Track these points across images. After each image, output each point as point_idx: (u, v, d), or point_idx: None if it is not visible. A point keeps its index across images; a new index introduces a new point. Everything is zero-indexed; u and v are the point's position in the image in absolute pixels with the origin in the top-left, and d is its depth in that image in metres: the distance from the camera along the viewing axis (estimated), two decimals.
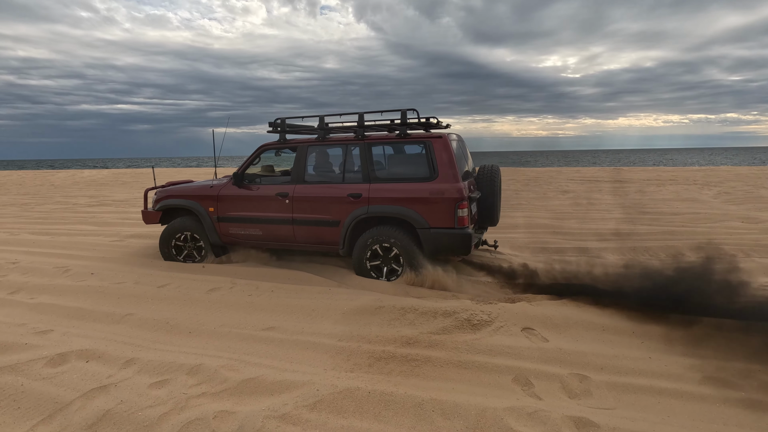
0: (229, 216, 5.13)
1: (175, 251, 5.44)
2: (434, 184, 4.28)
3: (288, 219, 4.84)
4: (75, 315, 3.73)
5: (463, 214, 4.20)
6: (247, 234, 5.12)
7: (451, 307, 3.54)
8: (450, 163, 4.28)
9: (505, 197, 11.75)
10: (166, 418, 2.24)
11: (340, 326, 3.38)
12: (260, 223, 5.00)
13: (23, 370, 2.72)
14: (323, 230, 4.72)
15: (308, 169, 4.92)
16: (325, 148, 4.98)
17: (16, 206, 11.69)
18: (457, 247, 4.25)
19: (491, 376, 2.67)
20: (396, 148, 4.87)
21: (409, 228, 4.41)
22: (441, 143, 4.35)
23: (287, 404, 2.32)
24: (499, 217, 5.15)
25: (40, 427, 2.21)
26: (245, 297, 3.98)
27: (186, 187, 5.46)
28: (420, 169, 4.40)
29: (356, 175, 4.65)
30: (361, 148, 4.63)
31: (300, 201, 4.77)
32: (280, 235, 4.96)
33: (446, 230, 4.23)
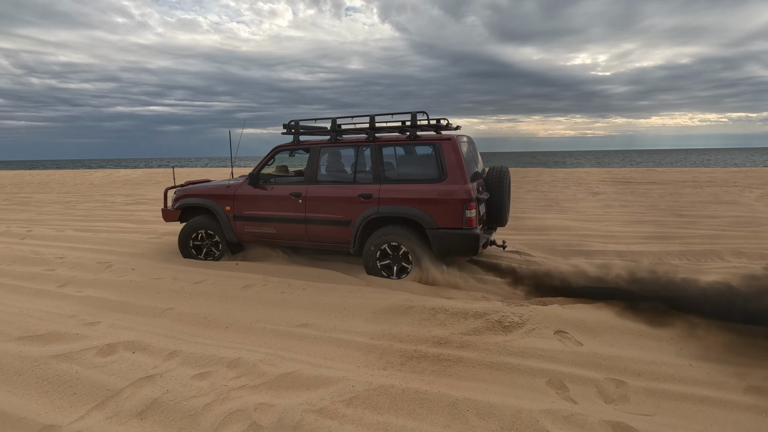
0: (244, 215, 5.29)
1: (193, 249, 5.63)
2: (443, 185, 4.36)
3: (301, 218, 4.98)
4: (119, 308, 3.92)
5: (471, 215, 4.26)
6: (262, 232, 5.27)
7: (481, 308, 3.54)
8: (459, 164, 4.36)
9: (533, 199, 11.57)
10: (210, 408, 2.34)
11: (371, 325, 3.43)
12: (274, 221, 5.14)
13: (76, 358, 2.89)
14: (335, 229, 4.84)
15: (320, 170, 5.04)
16: (336, 149, 5.08)
17: (60, 204, 12.31)
18: (465, 247, 4.32)
19: (524, 378, 2.66)
20: (406, 150, 4.95)
21: (418, 228, 4.50)
22: (450, 145, 4.43)
23: (324, 399, 2.38)
24: (507, 218, 5.19)
25: (95, 412, 2.35)
26: (278, 294, 4.09)
27: (204, 187, 5.65)
28: (429, 171, 4.49)
29: (367, 175, 4.76)
30: (372, 150, 4.75)
31: (312, 201, 4.90)
32: (293, 234, 5.10)
33: (454, 231, 4.30)
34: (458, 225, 4.29)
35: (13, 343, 3.13)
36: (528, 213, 9.03)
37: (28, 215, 10.08)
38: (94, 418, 2.30)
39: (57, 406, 2.42)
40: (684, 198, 11.08)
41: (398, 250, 4.55)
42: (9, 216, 9.99)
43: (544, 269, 4.71)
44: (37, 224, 8.66)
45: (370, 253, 4.63)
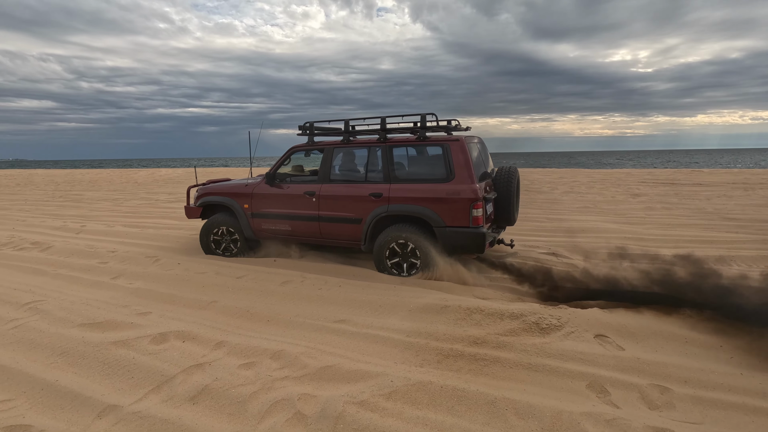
0: (261, 212, 5.51)
1: (213, 244, 5.86)
2: (451, 185, 4.49)
3: (314, 216, 5.18)
4: (168, 300, 4.14)
5: (477, 214, 4.39)
6: (278, 229, 5.48)
7: (518, 309, 3.51)
8: (466, 165, 4.47)
9: (570, 200, 11.29)
10: (256, 396, 2.46)
11: (407, 322, 3.48)
12: (289, 219, 5.35)
13: (132, 345, 3.09)
14: (346, 227, 5.02)
15: (333, 170, 5.21)
16: (349, 149, 5.23)
17: (109, 201, 13.05)
18: (472, 245, 4.46)
19: (564, 381, 2.64)
20: (415, 150, 5.07)
21: (426, 226, 4.63)
22: (458, 146, 4.54)
23: (364, 392, 2.45)
24: (516, 216, 5.27)
25: (151, 395, 2.52)
26: (315, 290, 4.21)
27: (224, 185, 5.89)
28: (437, 171, 4.62)
29: (378, 175, 4.92)
30: (383, 150, 4.91)
31: (325, 199, 5.10)
32: (307, 231, 5.31)
33: (461, 229, 4.43)
34: (465, 223, 4.41)
35: (76, 329, 3.39)
36: (565, 215, 8.83)
37: (81, 211, 10.75)
38: (151, 401, 2.47)
39: (117, 388, 2.61)
40: (733, 201, 10.50)
41: (407, 248, 4.67)
42: (64, 212, 10.69)
43: (581, 272, 4.61)
44: (89, 220, 9.23)
45: (379, 250, 4.78)
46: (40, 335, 3.30)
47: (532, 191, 13.71)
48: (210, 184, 6.12)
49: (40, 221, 9.06)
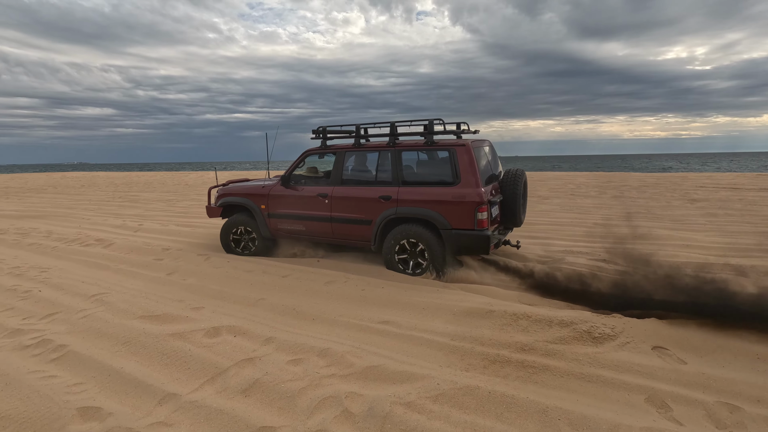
0: (277, 213, 5.74)
1: (233, 243, 6.11)
2: (457, 188, 4.63)
3: (327, 217, 5.37)
4: (219, 296, 4.33)
5: (482, 217, 4.51)
6: (292, 229, 5.70)
7: (567, 317, 3.39)
8: (472, 169, 4.60)
9: (620, 205, 10.76)
10: (305, 392, 2.52)
11: (451, 326, 3.45)
12: (303, 219, 5.56)
13: (188, 338, 3.25)
14: (357, 228, 5.20)
15: (345, 173, 5.39)
16: (360, 153, 5.40)
17: (162, 202, 13.81)
18: (477, 247, 4.58)
19: (620, 393, 2.51)
20: (423, 154, 5.18)
21: (433, 228, 4.77)
22: (464, 150, 4.66)
23: (411, 393, 2.45)
24: (522, 219, 5.33)
25: (206, 386, 2.64)
26: (359, 291, 4.25)
27: (242, 187, 6.14)
28: (444, 174, 4.76)
29: (387, 178, 5.07)
30: (392, 154, 5.07)
31: (337, 201, 5.29)
32: (320, 231, 5.51)
33: (467, 231, 4.57)
34: (470, 226, 4.54)
35: (137, 321, 3.61)
36: (615, 220, 8.42)
37: (138, 211, 11.45)
38: (206, 392, 2.59)
39: (175, 378, 2.76)
40: None
41: (415, 248, 4.85)
42: (123, 212, 11.43)
43: (634, 280, 4.38)
44: (146, 219, 9.82)
45: (388, 250, 4.96)
46: (106, 325, 3.54)
47: (579, 195, 13.19)
48: (230, 185, 6.37)
49: (103, 220, 9.74)
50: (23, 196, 16.42)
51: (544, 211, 10.12)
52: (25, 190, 19.82)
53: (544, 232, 7.43)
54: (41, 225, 9.00)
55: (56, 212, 11.32)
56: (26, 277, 5.03)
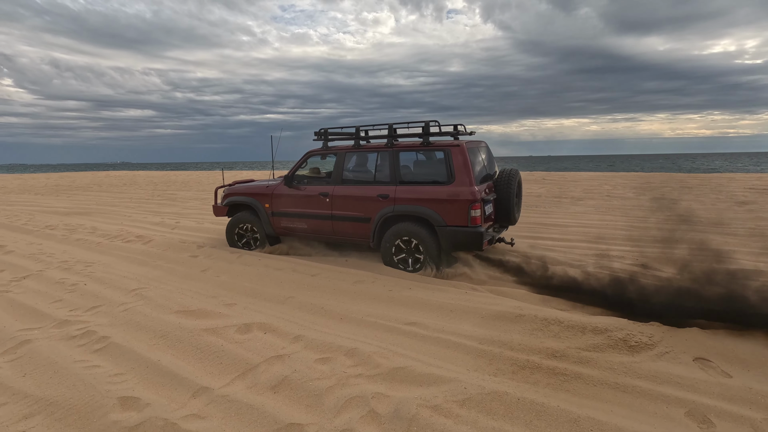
0: (280, 211, 5.99)
1: (237, 239, 6.40)
2: (451, 187, 4.81)
3: (328, 215, 5.60)
4: (250, 293, 4.44)
5: (475, 215, 4.69)
6: (295, 227, 5.94)
7: (601, 323, 3.27)
8: (466, 168, 4.77)
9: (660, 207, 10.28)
10: (332, 391, 2.54)
11: (480, 329, 3.40)
12: (305, 218, 5.80)
13: (221, 333, 3.35)
14: (357, 225, 5.40)
15: (345, 173, 5.59)
16: (359, 154, 5.58)
17: (198, 200, 14.31)
18: (470, 243, 4.75)
19: (657, 406, 2.40)
20: (420, 155, 5.34)
21: (428, 225, 4.95)
22: (458, 151, 4.84)
23: (437, 397, 2.43)
24: (517, 217, 5.53)
25: (238, 381, 2.71)
26: (386, 291, 4.26)
27: (247, 186, 6.39)
28: (439, 174, 4.94)
29: (385, 177, 5.26)
30: (390, 155, 5.26)
31: (338, 200, 5.51)
32: (322, 229, 5.72)
33: (460, 228, 4.75)
34: (464, 223, 4.72)
35: (173, 315, 3.75)
36: (653, 223, 8.06)
37: (175, 209, 11.91)
38: (237, 386, 2.66)
39: (208, 372, 2.85)
40: None
41: (411, 244, 5.04)
42: (162, 209, 11.91)
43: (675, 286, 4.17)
44: (182, 217, 10.20)
45: (386, 247, 5.16)
46: (145, 318, 3.70)
47: (615, 197, 12.71)
48: (235, 185, 6.63)
49: (143, 217, 10.19)
50: (71, 194, 17.40)
51: (577, 212, 9.82)
52: (73, 188, 21.00)
53: (577, 235, 7.20)
54: (87, 221, 9.51)
55: (100, 209, 11.93)
56: (73, 271, 5.33)
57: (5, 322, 3.76)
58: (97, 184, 24.01)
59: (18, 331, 3.54)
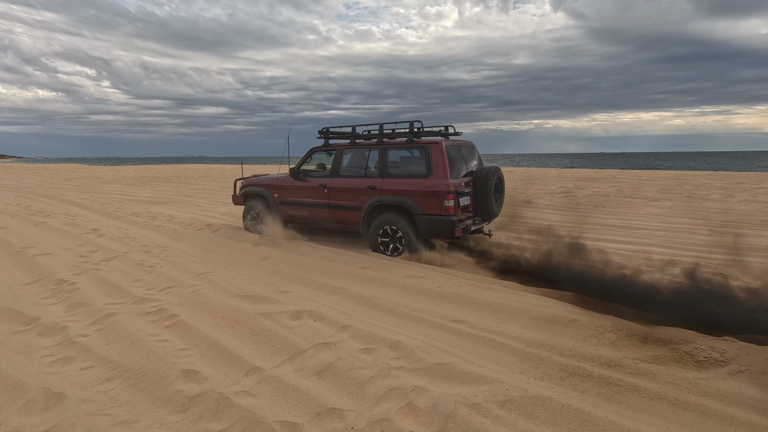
0: (287, 200, 6.82)
1: (251, 223, 7.29)
2: (429, 180, 5.40)
3: (326, 204, 6.32)
4: (304, 282, 4.65)
5: (449, 204, 5.21)
6: (299, 215, 6.74)
7: (666, 334, 3.03)
8: (443, 164, 5.32)
9: (751, 211, 9.21)
10: (373, 380, 2.61)
11: (528, 331, 3.29)
12: (307, 206, 6.58)
13: (274, 318, 3.56)
14: (349, 213, 6.08)
15: (341, 167, 6.30)
16: (354, 150, 6.28)
17: None
18: (443, 230, 5.28)
19: (723, 428, 2.20)
20: (404, 151, 5.92)
21: (408, 214, 5.53)
22: (437, 148, 5.43)
23: (477, 395, 2.41)
24: (495, 211, 6.00)
25: (286, 364, 2.88)
26: (435, 287, 4.25)
27: (261, 179, 7.29)
28: (419, 168, 5.56)
29: (374, 171, 5.92)
30: (379, 151, 5.94)
31: (334, 191, 6.22)
32: (321, 217, 6.46)
33: (435, 216, 5.29)
34: (439, 212, 5.26)
35: (234, 299, 4.04)
36: (744, 228, 7.25)
37: None
38: (286, 369, 2.82)
39: (261, 353, 3.04)
40: None
41: (395, 232, 5.63)
42: (230, 201, 12.75)
43: (758, 298, 3.74)
44: None
45: (373, 233, 5.79)
46: (209, 300, 4.02)
47: (697, 198, 11.56)
48: (251, 177, 7.51)
49: (213, 207, 10.99)
50: (154, 185, 19.18)
51: (650, 214, 9.08)
52: (156, 179, 23.13)
53: (648, 238, 6.67)
54: (166, 210, 10.45)
55: (178, 199, 13.04)
56: (151, 254, 5.90)
57: (96, 296, 4.28)
58: (177, 176, 26.21)
59: (104, 305, 4.01)
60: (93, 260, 5.64)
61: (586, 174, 22.32)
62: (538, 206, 10.61)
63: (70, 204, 11.86)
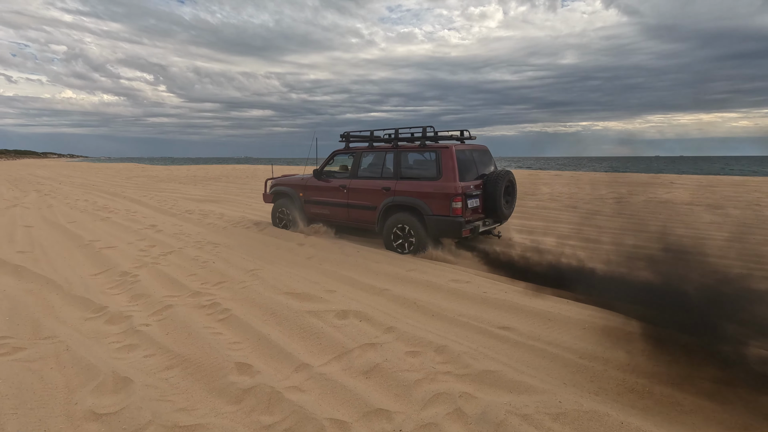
0: (311, 200, 7.30)
1: (278, 219, 7.86)
2: (438, 182, 5.69)
3: (345, 203, 6.74)
4: (348, 282, 4.71)
5: (456, 206, 5.49)
6: (321, 213, 7.18)
7: (749, 354, 2.80)
8: (452, 167, 5.60)
9: None
10: (420, 384, 2.60)
11: (581, 342, 3.16)
12: (328, 205, 7.02)
13: (321, 316, 3.63)
14: (366, 213, 6.47)
15: (359, 168, 6.69)
16: (371, 153, 6.68)
17: None
18: (451, 230, 5.55)
19: None
20: (417, 155, 6.25)
21: (419, 214, 5.82)
22: (447, 152, 5.71)
23: (528, 406, 2.34)
24: (506, 214, 6.14)
25: (334, 362, 2.93)
26: (480, 292, 4.18)
27: (288, 179, 7.85)
28: (430, 171, 5.85)
29: (389, 173, 6.32)
30: (394, 154, 6.31)
31: (353, 191, 6.63)
32: (340, 215, 6.88)
33: (443, 217, 5.58)
34: (446, 213, 5.54)
35: (282, 296, 4.16)
36: None
37: None
38: (334, 367, 2.87)
39: (309, 350, 3.12)
40: None
41: (405, 231, 5.93)
42: None
43: None
44: None
45: (387, 231, 6.13)
46: (259, 296, 4.17)
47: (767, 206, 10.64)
48: (280, 177, 8.09)
49: (260, 206, 11.37)
50: (206, 184, 20.15)
51: (704, 222, 8.46)
52: (207, 179, 24.29)
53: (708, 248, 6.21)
54: (216, 208, 10.94)
55: (227, 198, 13.62)
56: (204, 250, 6.20)
57: (155, 288, 4.55)
58: (225, 176, 27.40)
59: (163, 297, 4.26)
60: (152, 254, 6.00)
61: (640, 179, 21.15)
62: (588, 211, 10.18)
63: (130, 201, 12.70)
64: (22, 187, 17.39)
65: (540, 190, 15.40)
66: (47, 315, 3.83)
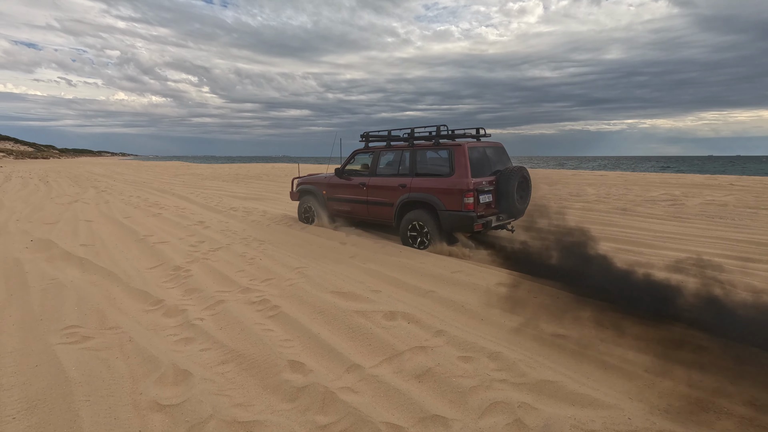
0: (333, 197, 7.67)
1: (304, 217, 8.28)
2: (451, 179, 5.88)
3: (364, 200, 7.07)
4: (393, 282, 4.68)
5: (468, 201, 5.67)
6: (343, 210, 7.58)
7: None
8: (464, 164, 5.79)
9: None
10: (475, 391, 2.53)
11: (644, 355, 2.98)
12: (349, 202, 7.39)
13: (369, 317, 3.62)
14: (384, 209, 6.78)
15: (378, 167, 6.99)
16: (389, 152, 6.95)
17: None
18: (462, 225, 5.80)
19: None
20: (431, 152, 6.45)
21: (433, 210, 6.05)
22: (459, 150, 5.90)
23: (594, 421, 2.22)
24: (517, 209, 6.18)
25: (385, 365, 2.90)
26: (531, 297, 4.03)
27: (312, 177, 8.23)
28: (444, 168, 6.08)
29: (406, 171, 6.57)
30: (410, 153, 6.58)
31: (371, 188, 6.94)
32: (360, 211, 7.24)
33: (456, 212, 5.80)
34: (459, 208, 5.76)
35: (328, 295, 4.19)
36: None
37: None
38: (385, 369, 2.84)
39: (359, 351, 3.11)
40: None
41: (421, 227, 6.16)
42: None
43: None
44: None
45: (404, 226, 6.38)
46: (306, 294, 4.21)
47: None
48: (306, 176, 8.47)
49: None
50: (247, 182, 20.77)
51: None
52: (248, 177, 25.04)
53: None
54: (259, 206, 11.23)
55: (268, 196, 13.97)
56: (251, 247, 6.36)
57: (207, 283, 4.70)
58: (265, 174, 28.14)
59: (215, 292, 4.39)
60: (202, 250, 6.22)
61: (695, 180, 19.88)
62: (639, 214, 9.66)
63: (178, 198, 13.27)
64: (81, 184, 18.58)
65: (585, 191, 14.80)
66: (110, 306, 4.04)
